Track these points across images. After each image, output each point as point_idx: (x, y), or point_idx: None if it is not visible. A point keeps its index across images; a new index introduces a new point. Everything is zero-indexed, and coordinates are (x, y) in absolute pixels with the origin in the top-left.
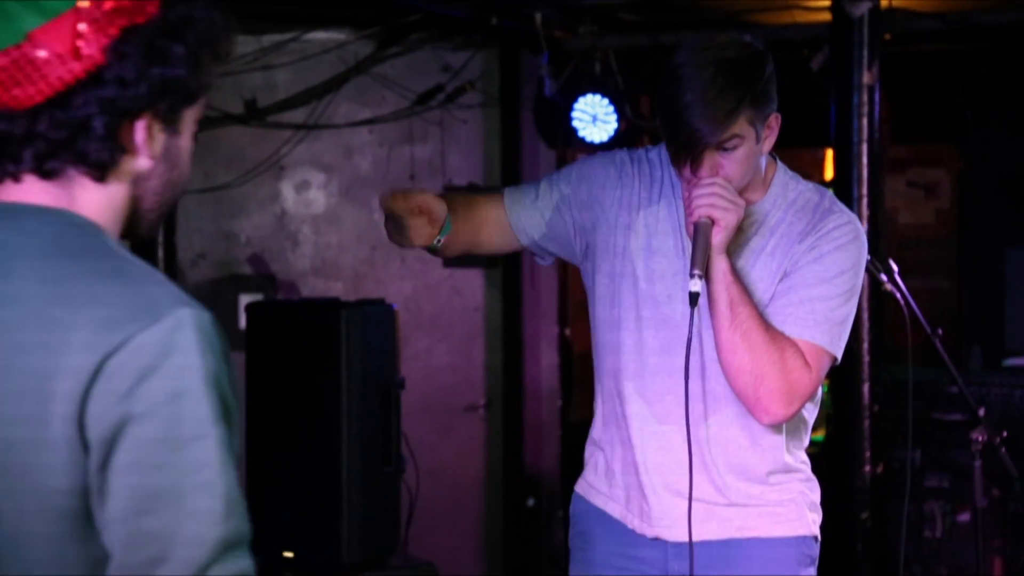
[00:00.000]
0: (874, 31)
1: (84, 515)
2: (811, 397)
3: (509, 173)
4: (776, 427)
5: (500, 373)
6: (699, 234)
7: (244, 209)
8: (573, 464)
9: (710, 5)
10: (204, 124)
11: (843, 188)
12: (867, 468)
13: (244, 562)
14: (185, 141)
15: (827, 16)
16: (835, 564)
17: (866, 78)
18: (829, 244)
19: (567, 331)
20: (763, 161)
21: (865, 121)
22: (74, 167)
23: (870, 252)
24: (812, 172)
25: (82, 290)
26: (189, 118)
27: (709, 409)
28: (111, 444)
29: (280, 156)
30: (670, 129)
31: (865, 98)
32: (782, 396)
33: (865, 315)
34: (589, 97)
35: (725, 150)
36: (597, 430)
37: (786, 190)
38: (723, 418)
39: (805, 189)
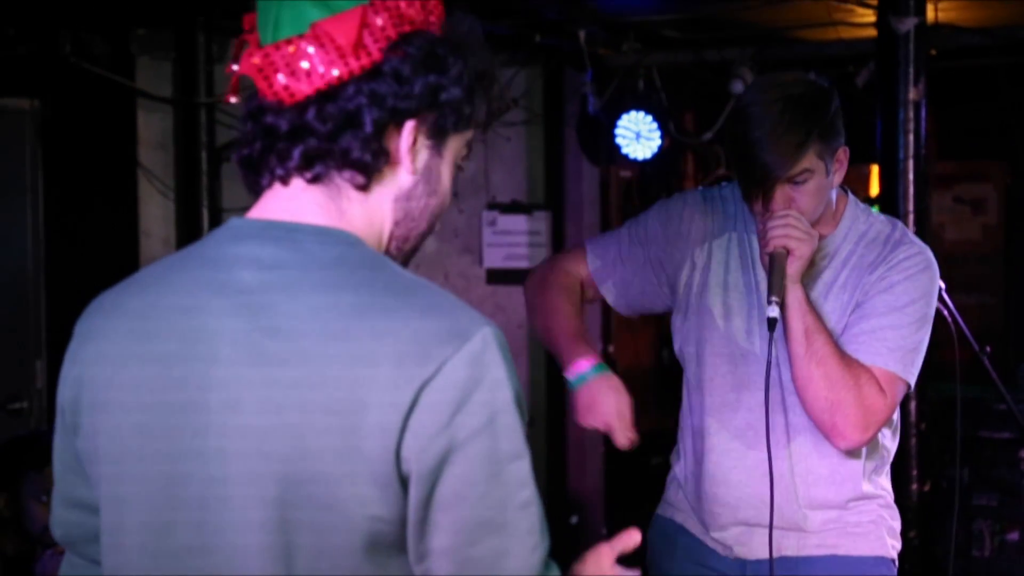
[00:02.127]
0: (920, 47)
1: (392, 543)
2: (887, 423)
3: (552, 191)
4: (855, 455)
5: (544, 390)
6: (775, 264)
7: None
8: (616, 482)
9: (754, 21)
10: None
11: (889, 204)
12: (914, 486)
13: (556, 572)
14: (447, 167)
15: (872, 32)
16: None
17: (912, 94)
18: (899, 274)
19: (611, 348)
20: (834, 195)
21: (911, 137)
22: (339, 172)
23: None
24: (857, 188)
25: (384, 321)
26: (454, 145)
27: (790, 441)
28: (435, 476)
29: None
30: (741, 165)
31: (911, 114)
32: (859, 423)
33: None
34: (633, 114)
35: (796, 183)
36: (677, 462)
37: (856, 223)
38: (803, 450)
39: (876, 221)
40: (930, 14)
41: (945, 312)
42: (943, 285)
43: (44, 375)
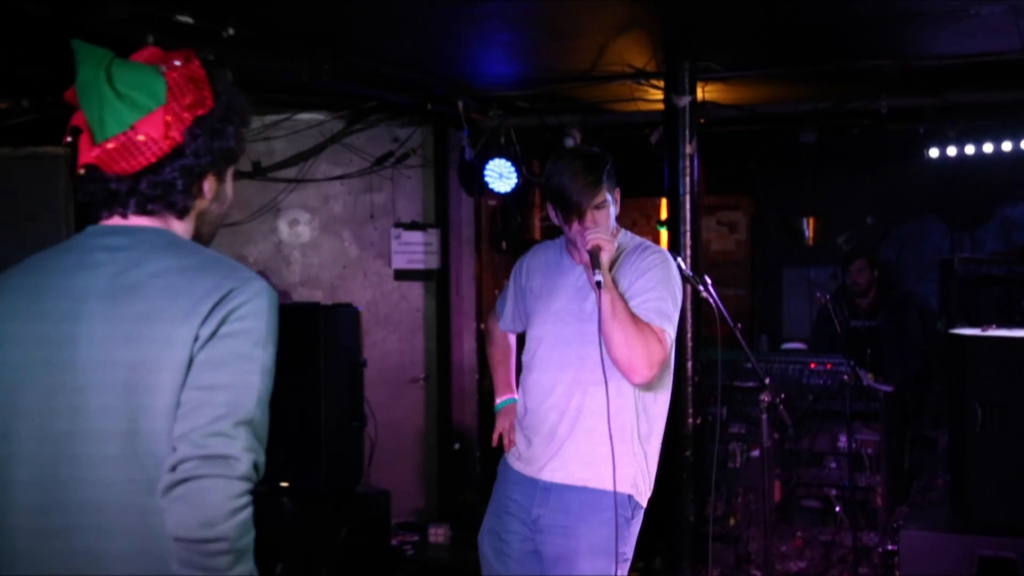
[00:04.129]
0: (693, 117)
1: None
2: (664, 362)
3: (440, 214)
4: (629, 410)
5: (435, 355)
6: (593, 256)
7: (251, 239)
8: (485, 421)
9: (581, 97)
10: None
11: (673, 225)
12: (690, 420)
13: (252, 440)
14: (229, 186)
15: (661, 106)
16: (668, 488)
17: (688, 149)
18: (647, 265)
19: (482, 325)
20: (614, 222)
21: (688, 179)
22: (165, 209)
23: (692, 270)
24: (652, 214)
25: (198, 273)
26: (230, 171)
27: (585, 393)
28: (201, 347)
29: (277, 201)
30: (562, 201)
31: (688, 163)
32: (647, 361)
33: (689, 314)
34: (496, 160)
35: (598, 208)
36: (520, 416)
37: (624, 241)
38: (592, 405)
39: (639, 241)
40: (699, 95)
41: (711, 299)
42: (710, 281)
43: None
